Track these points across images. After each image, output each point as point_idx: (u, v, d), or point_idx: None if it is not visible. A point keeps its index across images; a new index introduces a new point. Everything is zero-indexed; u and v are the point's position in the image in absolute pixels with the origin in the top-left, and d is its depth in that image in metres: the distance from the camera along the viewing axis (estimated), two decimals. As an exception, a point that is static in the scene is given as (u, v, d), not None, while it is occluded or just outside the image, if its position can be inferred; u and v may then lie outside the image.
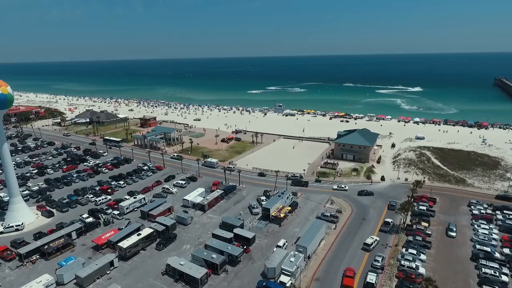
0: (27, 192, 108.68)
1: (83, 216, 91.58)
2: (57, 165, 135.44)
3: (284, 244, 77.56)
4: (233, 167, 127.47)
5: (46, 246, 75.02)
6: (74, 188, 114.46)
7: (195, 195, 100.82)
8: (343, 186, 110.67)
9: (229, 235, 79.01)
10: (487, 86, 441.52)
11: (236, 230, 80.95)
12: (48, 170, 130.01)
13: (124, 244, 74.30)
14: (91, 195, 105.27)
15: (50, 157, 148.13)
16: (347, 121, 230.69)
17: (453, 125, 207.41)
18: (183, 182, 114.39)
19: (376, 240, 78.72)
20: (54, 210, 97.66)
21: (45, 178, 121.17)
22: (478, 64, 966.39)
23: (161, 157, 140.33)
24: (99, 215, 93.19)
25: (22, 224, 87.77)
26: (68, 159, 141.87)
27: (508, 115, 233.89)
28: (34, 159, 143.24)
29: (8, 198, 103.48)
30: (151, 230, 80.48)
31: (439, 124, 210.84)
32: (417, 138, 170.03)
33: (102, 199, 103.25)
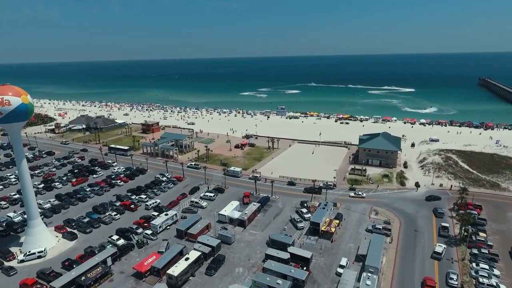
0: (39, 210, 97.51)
1: (112, 237, 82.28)
2: (65, 178, 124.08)
3: (347, 263, 71.72)
4: (259, 176, 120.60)
5: (83, 277, 65.71)
6: (90, 204, 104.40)
7: (231, 209, 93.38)
8: (360, 193, 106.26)
9: (284, 255, 72.36)
10: (472, 86, 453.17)
11: (291, 249, 74.41)
12: (56, 184, 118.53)
13: (174, 271, 66.08)
14: (114, 213, 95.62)
15: (53, 169, 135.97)
16: (347, 123, 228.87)
17: (459, 126, 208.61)
18: (212, 194, 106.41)
19: (444, 248, 75.86)
20: (75, 231, 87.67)
21: (56, 194, 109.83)
22: (460, 65, 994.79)
23: (174, 166, 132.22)
24: (131, 235, 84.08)
25: (44, 250, 77.58)
26: (75, 171, 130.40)
27: (502, 115, 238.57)
28: (36, 172, 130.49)
29: (18, 218, 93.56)
30: (199, 253, 72.58)
31: (445, 125, 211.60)
32: (432, 140, 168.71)
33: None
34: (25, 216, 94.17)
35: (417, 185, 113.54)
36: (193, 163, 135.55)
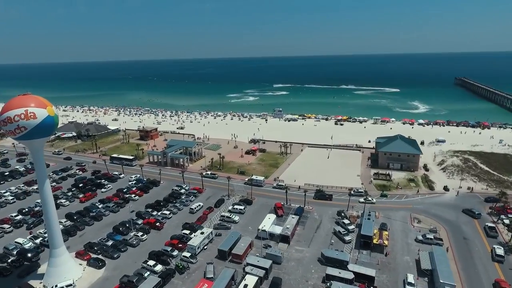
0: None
1: (148, 263, 73.35)
2: (70, 194, 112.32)
3: (414, 279, 67.36)
4: (284, 185, 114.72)
5: (132, 316, 57.17)
6: (107, 223, 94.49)
7: (269, 224, 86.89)
8: (370, 199, 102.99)
9: (348, 274, 66.96)
10: (449, 85, 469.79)
11: (352, 267, 69.23)
12: (62, 201, 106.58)
13: (237, 302, 59.08)
14: (141, 233, 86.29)
15: (53, 183, 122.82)
16: (341, 124, 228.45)
17: (456, 126, 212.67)
18: (242, 207, 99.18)
19: (503, 250, 74.96)
20: (101, 257, 77.85)
21: (66, 213, 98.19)
22: (433, 65, 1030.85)
23: (187, 176, 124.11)
24: (168, 259, 75.47)
25: (73, 283, 67.61)
26: (80, 185, 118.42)
27: (488, 113, 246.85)
28: (35, 187, 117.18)
29: (29, 244, 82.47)
30: (255, 278, 65.65)
31: (443, 125, 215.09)
32: (438, 141, 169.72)
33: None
34: (37, 241, 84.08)
35: (446, 189, 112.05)
36: (209, 173, 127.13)
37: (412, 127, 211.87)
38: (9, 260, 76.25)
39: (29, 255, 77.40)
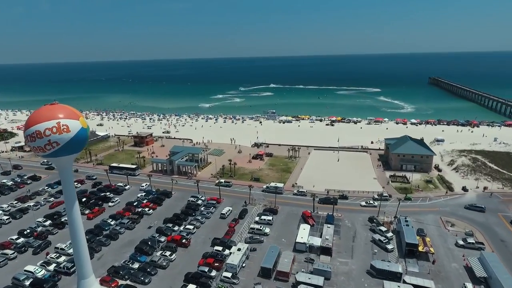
0: (64, 258, 77.09)
1: None
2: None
3: (473, 289, 65.38)
4: (306, 191, 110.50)
5: None
6: (125, 242, 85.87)
7: (306, 235, 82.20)
8: (371, 202, 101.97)
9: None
10: (423, 85, 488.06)
11: (409, 279, 66.07)
12: (67, 218, 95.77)
13: (306, 328, 53.84)
14: (169, 252, 78.45)
15: (50, 198, 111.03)
16: (332, 125, 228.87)
17: (447, 125, 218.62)
18: (270, 218, 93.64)
19: None
20: (129, 282, 69.56)
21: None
22: (406, 65, 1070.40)
23: (191, 184, 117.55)
24: (208, 282, 68.63)
25: (107, 317, 59.48)
26: (83, 200, 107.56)
27: (470, 112, 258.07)
28: (31, 204, 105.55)
29: (41, 272, 72.81)
30: (314, 299, 60.81)
31: (435, 125, 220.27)
32: (438, 140, 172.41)
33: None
34: (49, 268, 74.25)
35: (464, 189, 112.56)
36: (222, 181, 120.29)
37: (406, 127, 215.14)
38: (23, 293, 66.42)
39: (46, 286, 67.68)
